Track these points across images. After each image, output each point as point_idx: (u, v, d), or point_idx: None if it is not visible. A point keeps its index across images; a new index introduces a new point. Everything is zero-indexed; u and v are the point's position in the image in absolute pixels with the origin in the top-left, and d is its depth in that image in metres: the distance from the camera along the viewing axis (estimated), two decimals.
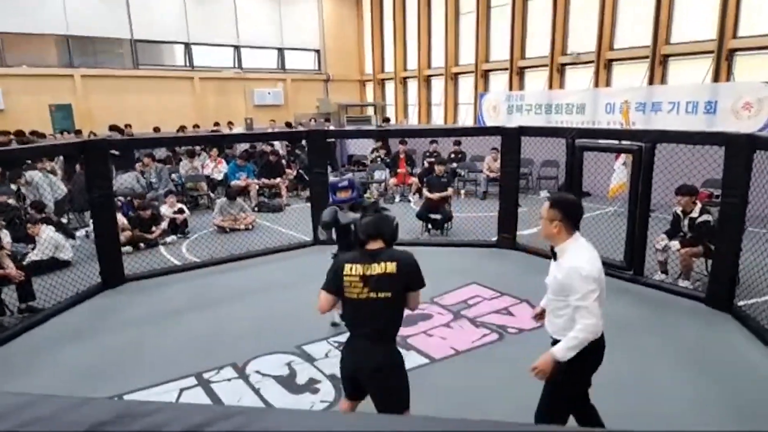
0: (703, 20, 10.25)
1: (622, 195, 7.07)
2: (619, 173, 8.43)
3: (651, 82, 11.02)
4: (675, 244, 5.71)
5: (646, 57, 11.08)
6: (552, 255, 2.74)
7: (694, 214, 5.62)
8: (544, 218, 2.68)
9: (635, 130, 8.02)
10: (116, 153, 9.44)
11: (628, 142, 6.03)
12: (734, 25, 9.86)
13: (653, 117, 10.55)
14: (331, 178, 4.66)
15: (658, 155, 5.65)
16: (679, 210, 5.82)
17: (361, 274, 2.63)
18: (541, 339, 4.57)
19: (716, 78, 10.02)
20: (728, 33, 9.85)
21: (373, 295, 2.62)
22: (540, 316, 2.92)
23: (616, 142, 6.61)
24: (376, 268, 2.62)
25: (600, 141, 6.65)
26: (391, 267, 2.62)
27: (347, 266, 2.67)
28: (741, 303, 5.03)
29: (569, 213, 2.66)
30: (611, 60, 11.99)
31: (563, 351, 2.57)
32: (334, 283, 2.71)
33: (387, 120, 16.53)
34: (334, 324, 4.80)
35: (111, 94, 14.55)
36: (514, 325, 4.89)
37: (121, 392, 3.81)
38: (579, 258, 2.58)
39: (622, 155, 7.77)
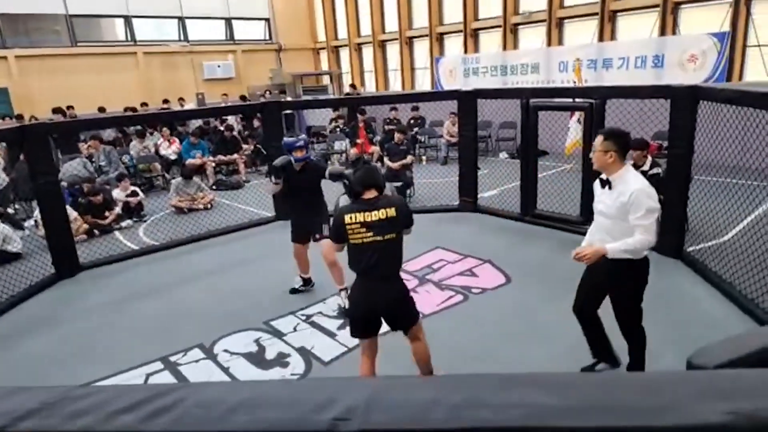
0: None
1: (578, 152, 7.22)
2: (574, 130, 8.58)
3: (601, 39, 11.16)
4: None
5: (596, 14, 11.17)
6: (604, 184, 3.02)
7: (645, 168, 5.77)
8: (599, 150, 2.96)
9: (585, 88, 8.16)
10: (55, 136, 9.05)
11: (581, 100, 6.12)
12: None
13: (604, 73, 10.72)
14: (286, 138, 4.63)
15: (609, 111, 5.77)
16: (630, 164, 5.96)
17: (362, 221, 2.93)
18: (503, 298, 4.71)
19: (663, 32, 10.21)
20: None
21: (378, 238, 2.92)
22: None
23: (570, 100, 6.70)
24: (377, 214, 2.93)
25: (553, 100, 6.74)
26: (391, 211, 2.94)
27: (347, 216, 2.96)
28: (690, 249, 5.26)
29: (621, 144, 2.94)
30: (562, 18, 12.05)
31: (616, 250, 2.87)
32: (336, 233, 3.07)
33: (353, 86, 16.22)
34: (293, 290, 4.96)
35: (50, 74, 13.77)
36: (478, 285, 4.99)
37: (83, 383, 3.73)
38: (641, 181, 2.89)
39: (577, 113, 7.90)
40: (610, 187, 3.00)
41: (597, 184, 3.15)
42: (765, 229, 4.06)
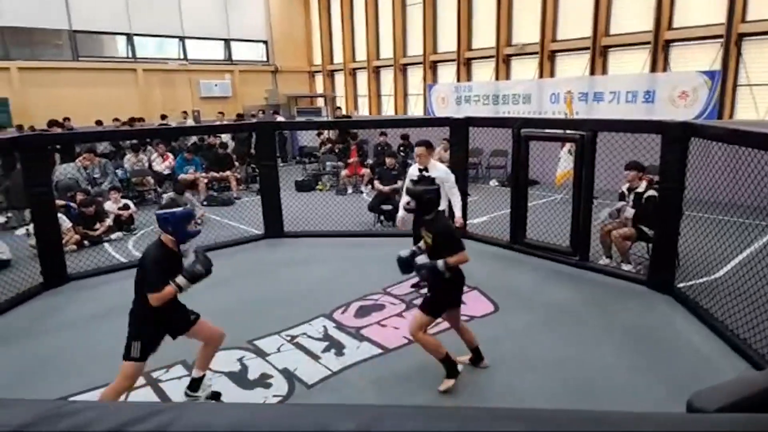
0: (640, 12, 10.64)
1: (569, 182, 7.30)
2: (564, 161, 8.68)
3: (593, 72, 11.39)
4: (630, 211, 5.76)
5: (587, 48, 11.43)
6: None
7: (640, 189, 5.74)
8: None
9: (576, 120, 8.30)
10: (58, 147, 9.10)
11: (572, 131, 6.22)
12: (669, 17, 10.28)
13: (595, 106, 10.92)
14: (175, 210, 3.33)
15: (600, 143, 5.85)
16: (625, 188, 5.96)
17: None
18: (490, 326, 4.71)
19: (654, 68, 10.45)
20: (664, 24, 10.27)
21: None
22: None
23: (561, 131, 6.80)
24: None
25: (545, 130, 6.84)
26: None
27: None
28: (681, 285, 5.25)
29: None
30: (554, 51, 12.30)
31: None
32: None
33: (339, 108, 16.38)
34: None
35: (50, 87, 13.81)
36: (465, 313, 4.95)
37: (64, 395, 3.66)
38: None
39: (568, 143, 8.01)
40: None
41: None
42: (757, 267, 4.08)
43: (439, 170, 5.45)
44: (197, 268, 3.27)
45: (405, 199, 5.38)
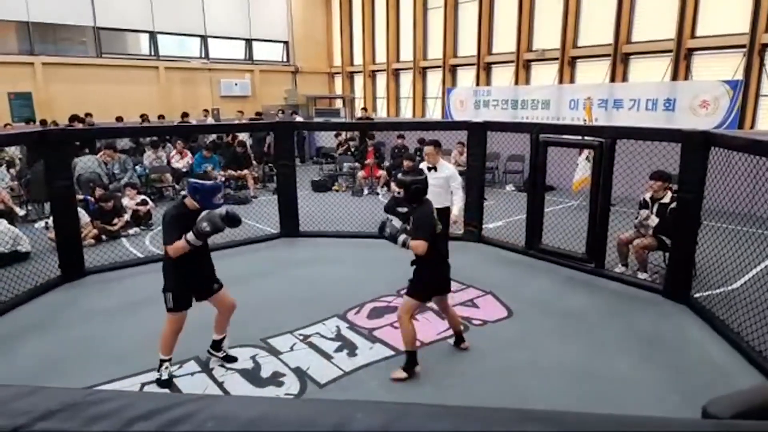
0: (662, 20, 10.53)
1: (586, 189, 7.25)
2: (582, 168, 8.63)
3: (613, 79, 11.29)
4: (654, 219, 5.65)
5: (608, 55, 11.33)
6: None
7: (666, 200, 5.62)
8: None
9: (594, 126, 8.22)
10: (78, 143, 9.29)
11: (590, 138, 6.17)
12: (692, 25, 10.17)
13: (615, 113, 10.82)
14: (206, 183, 3.70)
15: (619, 150, 5.80)
16: (647, 196, 5.82)
17: (437, 216, 3.88)
18: (504, 331, 4.69)
19: (675, 76, 10.33)
20: (686, 33, 10.16)
21: (442, 230, 3.93)
22: None
23: (579, 137, 6.76)
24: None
25: (563, 136, 6.80)
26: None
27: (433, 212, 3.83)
28: (697, 295, 5.19)
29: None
30: (575, 57, 12.22)
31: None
32: (430, 225, 3.82)
33: (365, 110, 16.36)
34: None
35: (73, 82, 14.06)
36: (479, 317, 4.97)
37: (84, 386, 3.72)
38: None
39: (585, 150, 7.96)
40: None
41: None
42: None
43: (448, 168, 5.81)
44: (202, 226, 3.51)
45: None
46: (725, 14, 9.79)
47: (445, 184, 5.64)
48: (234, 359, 4.16)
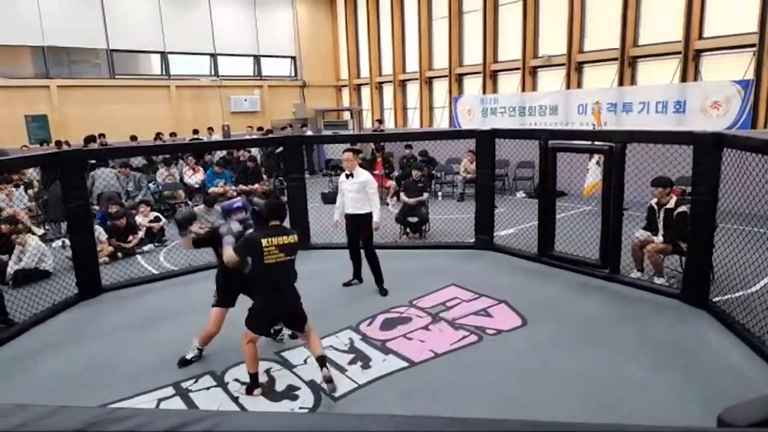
0: (669, 22, 10.50)
1: (597, 194, 7.21)
2: (593, 172, 8.57)
3: (621, 83, 11.25)
4: (658, 239, 5.69)
5: (615, 59, 11.30)
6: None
7: (670, 206, 5.61)
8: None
9: (604, 131, 8.19)
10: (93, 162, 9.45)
11: (600, 143, 6.14)
12: (699, 26, 10.12)
13: (624, 117, 10.77)
14: (224, 203, 4.48)
15: (630, 154, 5.76)
16: (654, 203, 5.84)
17: (278, 243, 3.66)
18: (518, 341, 4.66)
19: (684, 78, 10.27)
20: (694, 34, 10.11)
21: (288, 258, 3.74)
22: None
23: (589, 142, 6.73)
24: (287, 239, 3.72)
25: (572, 142, 6.78)
26: (293, 238, 3.77)
27: (263, 240, 3.64)
28: (716, 299, 5.11)
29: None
30: (581, 62, 12.20)
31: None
32: (246, 250, 3.75)
33: (380, 121, 16.38)
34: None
35: (87, 104, 14.33)
36: (493, 327, 4.94)
37: (97, 405, 3.75)
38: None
39: (596, 155, 7.92)
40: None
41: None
42: None
43: (363, 175, 5.97)
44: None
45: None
46: (732, 14, 9.73)
47: (362, 189, 5.81)
48: (281, 330, 4.71)
